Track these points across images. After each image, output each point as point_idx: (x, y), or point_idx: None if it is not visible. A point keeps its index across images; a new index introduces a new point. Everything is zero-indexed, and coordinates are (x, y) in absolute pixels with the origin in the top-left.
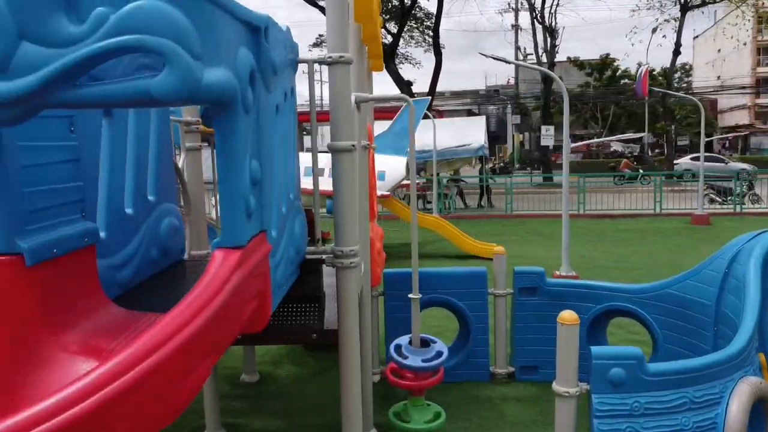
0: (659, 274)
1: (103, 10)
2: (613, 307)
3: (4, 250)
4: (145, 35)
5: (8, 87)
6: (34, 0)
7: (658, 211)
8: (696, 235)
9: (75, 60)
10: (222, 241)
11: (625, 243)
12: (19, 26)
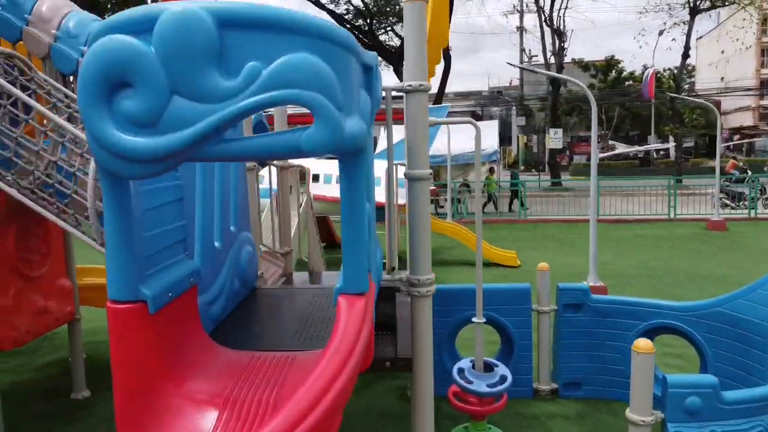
0: (686, 283)
1: (256, 64)
2: (660, 325)
3: (129, 298)
4: (296, 89)
5: (159, 142)
6: (188, 56)
7: (672, 216)
8: (714, 241)
9: (229, 115)
10: (346, 287)
11: (643, 249)
12: (171, 82)
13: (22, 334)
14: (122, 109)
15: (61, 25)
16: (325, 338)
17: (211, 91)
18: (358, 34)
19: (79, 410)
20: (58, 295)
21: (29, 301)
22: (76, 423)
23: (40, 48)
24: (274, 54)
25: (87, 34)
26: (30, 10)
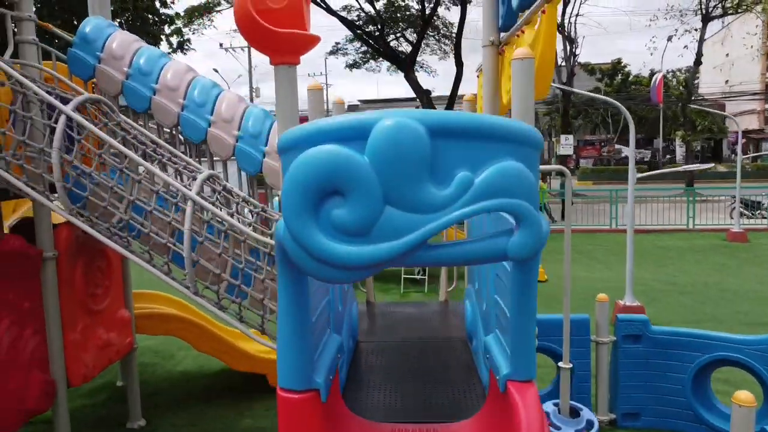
0: (717, 299)
1: (467, 174)
2: (722, 357)
3: (303, 387)
4: (505, 198)
5: (371, 251)
6: (403, 166)
7: (690, 226)
8: (737, 254)
9: (443, 226)
10: (517, 373)
11: (667, 261)
12: (385, 192)
13: (90, 369)
14: (333, 217)
15: (133, 63)
16: (460, 404)
17: (425, 201)
18: (368, 39)
19: None
20: (119, 327)
21: (95, 335)
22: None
23: (113, 86)
24: (481, 161)
25: (158, 71)
26: (102, 48)
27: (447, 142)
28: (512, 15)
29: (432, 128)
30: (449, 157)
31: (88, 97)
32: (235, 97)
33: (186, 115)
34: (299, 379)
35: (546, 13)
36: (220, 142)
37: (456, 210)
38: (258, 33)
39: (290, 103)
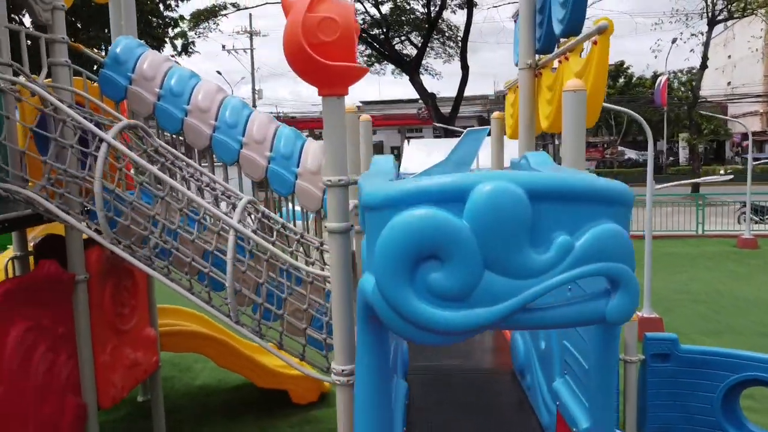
0: (731, 308)
1: (567, 238)
2: (752, 377)
3: None
4: (605, 262)
5: (469, 316)
6: (504, 231)
7: (700, 232)
8: (748, 260)
9: (542, 291)
10: (597, 428)
11: (678, 269)
12: (485, 257)
13: (119, 391)
14: (430, 281)
15: (164, 83)
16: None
17: (525, 266)
18: (373, 43)
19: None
20: (146, 346)
21: (123, 355)
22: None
23: (145, 107)
24: (579, 223)
25: (189, 91)
26: (133, 69)
27: (546, 205)
28: (551, 38)
29: (532, 192)
30: (548, 220)
31: (128, 123)
32: (266, 118)
33: (218, 137)
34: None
35: (598, 44)
36: (252, 163)
37: (557, 275)
38: (309, 66)
39: (338, 134)
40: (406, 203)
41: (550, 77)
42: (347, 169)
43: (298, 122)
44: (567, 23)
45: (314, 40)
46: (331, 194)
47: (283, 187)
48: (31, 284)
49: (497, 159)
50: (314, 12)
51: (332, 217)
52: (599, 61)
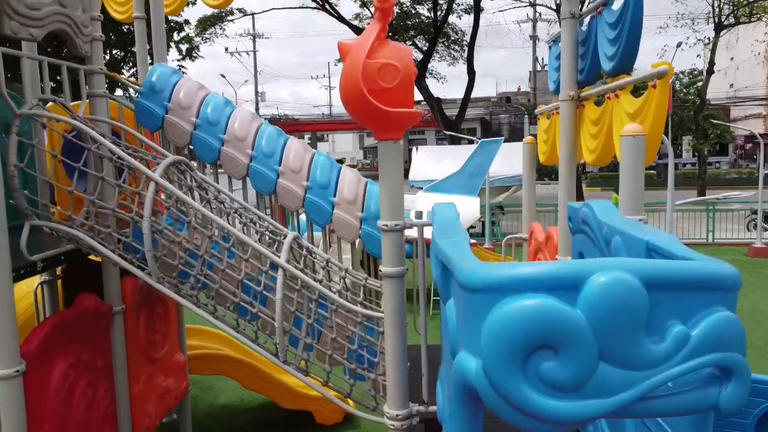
0: (750, 323)
1: (683, 328)
2: None
3: None
4: (721, 352)
5: (582, 408)
6: (620, 323)
7: (711, 240)
8: (761, 270)
9: (659, 383)
10: None
11: None
12: (601, 349)
13: (153, 419)
14: (542, 371)
15: (200, 112)
16: None
17: (641, 358)
18: None
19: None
20: (176, 372)
21: (155, 383)
22: None
23: (182, 137)
24: (693, 311)
25: (225, 120)
26: (169, 97)
27: (661, 294)
28: (595, 70)
29: (648, 282)
30: (662, 309)
31: (173, 160)
32: (300, 146)
33: (255, 167)
34: None
35: (657, 87)
36: (290, 193)
37: (673, 366)
38: (368, 112)
39: (395, 178)
40: (514, 289)
41: (596, 111)
42: (403, 213)
43: (301, 125)
44: (618, 61)
45: (374, 86)
46: (387, 239)
47: (321, 217)
48: (72, 320)
49: (529, 187)
50: (374, 58)
51: (387, 261)
52: (658, 105)
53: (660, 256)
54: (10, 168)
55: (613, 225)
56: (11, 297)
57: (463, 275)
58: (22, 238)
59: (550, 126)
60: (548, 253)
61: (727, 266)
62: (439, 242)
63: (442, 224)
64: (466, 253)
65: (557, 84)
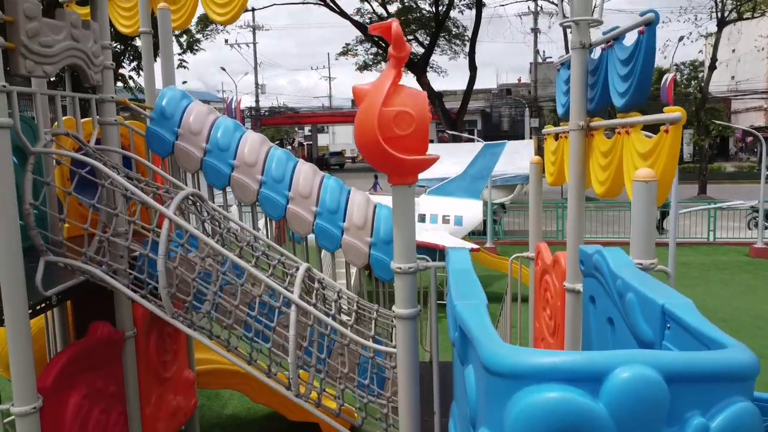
0: (751, 328)
1: (702, 420)
2: None
3: None
4: None
5: None
6: (641, 417)
7: (711, 239)
8: (762, 272)
9: None
10: None
11: (693, 281)
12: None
13: None
14: None
15: (210, 138)
16: None
17: None
18: (380, 41)
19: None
20: (185, 389)
21: (166, 402)
22: None
23: (192, 163)
24: (712, 402)
25: (236, 145)
26: (179, 123)
27: (681, 386)
28: (605, 100)
29: (669, 375)
30: (682, 400)
31: (186, 194)
32: (310, 170)
33: (265, 193)
34: None
35: (669, 132)
36: (299, 219)
37: None
38: (383, 159)
39: (408, 222)
40: (538, 378)
41: (606, 143)
42: (415, 256)
43: (302, 117)
44: (630, 97)
45: (389, 134)
46: (400, 281)
47: (331, 243)
48: (85, 350)
49: (536, 207)
50: (389, 105)
51: (401, 303)
52: (670, 150)
53: (674, 323)
54: (25, 206)
55: (627, 280)
56: (28, 336)
57: (486, 357)
58: (38, 275)
59: (558, 148)
60: (556, 278)
61: (745, 354)
62: (458, 305)
63: (457, 278)
64: (487, 327)
65: (566, 108)
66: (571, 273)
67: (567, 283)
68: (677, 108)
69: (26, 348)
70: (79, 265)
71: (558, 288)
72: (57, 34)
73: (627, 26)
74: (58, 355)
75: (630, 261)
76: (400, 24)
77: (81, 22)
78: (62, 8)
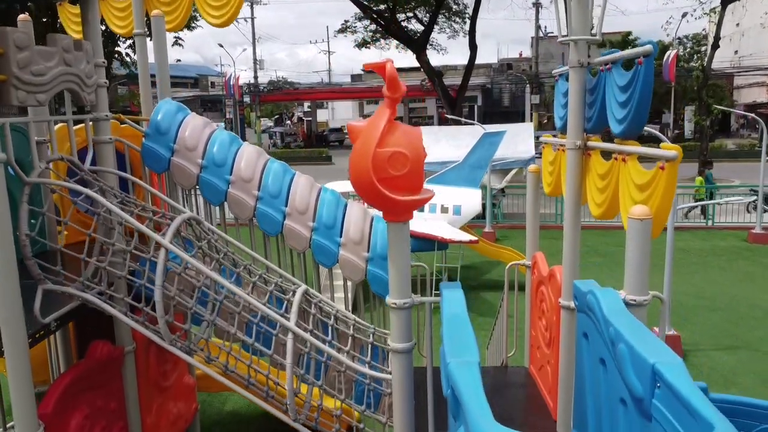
0: (749, 319)
1: None
2: None
3: None
4: None
5: None
6: None
7: (710, 224)
8: (760, 259)
9: None
10: None
11: (691, 268)
12: None
13: None
14: None
15: (206, 154)
16: None
17: None
18: (379, 19)
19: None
20: (185, 395)
21: (166, 411)
22: None
23: (189, 180)
24: None
25: (231, 160)
26: (175, 138)
27: None
28: (603, 122)
29: None
30: None
31: (182, 221)
32: (307, 182)
33: (262, 209)
34: None
35: (665, 170)
36: (296, 235)
37: None
38: (378, 199)
39: (403, 257)
40: None
41: (603, 165)
42: (410, 292)
43: (301, 93)
44: (627, 125)
45: (384, 174)
46: (396, 316)
47: (328, 258)
48: (85, 372)
49: (533, 215)
50: (384, 146)
51: (396, 337)
52: (666, 188)
53: (665, 385)
54: (22, 237)
55: (619, 329)
56: (28, 367)
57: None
58: (36, 304)
59: (556, 159)
60: (551, 292)
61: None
62: (450, 364)
63: (451, 326)
64: (479, 397)
65: (564, 121)
66: (566, 290)
67: (562, 300)
68: (674, 146)
69: (26, 378)
70: (78, 293)
71: (553, 302)
72: (49, 60)
73: (625, 53)
74: (58, 380)
75: (622, 306)
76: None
77: (73, 44)
78: (54, 33)
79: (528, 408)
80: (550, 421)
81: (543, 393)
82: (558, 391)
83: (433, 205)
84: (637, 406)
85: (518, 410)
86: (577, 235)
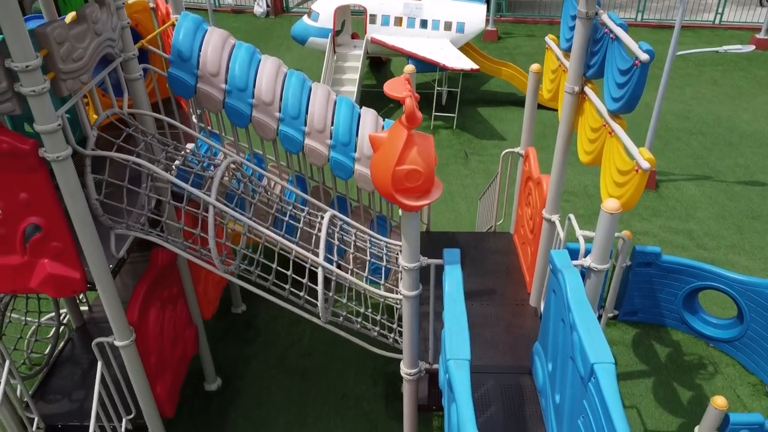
0: (723, 145)
1: None
2: (713, 287)
3: None
4: None
5: None
6: None
7: (717, 22)
8: (757, 71)
9: None
10: None
11: (684, 81)
12: None
13: (213, 301)
14: None
15: (228, 78)
16: None
17: None
18: None
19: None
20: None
21: (211, 276)
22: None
23: (215, 105)
24: None
25: (252, 83)
26: (197, 64)
27: None
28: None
29: None
30: None
31: (226, 166)
32: (323, 98)
33: (284, 130)
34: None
35: (639, 173)
36: (316, 153)
37: None
38: (395, 202)
39: (414, 233)
40: None
41: (597, 120)
42: (419, 257)
43: None
44: (621, 105)
45: (401, 186)
46: (407, 275)
47: (344, 173)
48: (154, 278)
49: (530, 112)
50: (402, 164)
51: (407, 286)
52: (636, 188)
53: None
54: (92, 202)
55: (576, 321)
56: (115, 293)
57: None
58: (111, 246)
59: (556, 77)
60: (538, 198)
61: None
62: (450, 365)
63: (452, 322)
64: (467, 401)
65: (570, 42)
66: (550, 204)
67: (545, 213)
68: (651, 158)
69: (116, 301)
70: (142, 235)
71: (538, 207)
72: (83, 41)
73: (627, 40)
74: (136, 291)
75: (584, 298)
76: None
77: (97, 8)
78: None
79: (509, 276)
80: (525, 294)
81: (522, 266)
82: (534, 275)
83: (436, 22)
84: (579, 374)
85: (501, 278)
86: (563, 167)
